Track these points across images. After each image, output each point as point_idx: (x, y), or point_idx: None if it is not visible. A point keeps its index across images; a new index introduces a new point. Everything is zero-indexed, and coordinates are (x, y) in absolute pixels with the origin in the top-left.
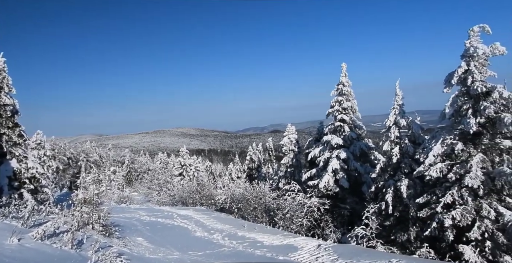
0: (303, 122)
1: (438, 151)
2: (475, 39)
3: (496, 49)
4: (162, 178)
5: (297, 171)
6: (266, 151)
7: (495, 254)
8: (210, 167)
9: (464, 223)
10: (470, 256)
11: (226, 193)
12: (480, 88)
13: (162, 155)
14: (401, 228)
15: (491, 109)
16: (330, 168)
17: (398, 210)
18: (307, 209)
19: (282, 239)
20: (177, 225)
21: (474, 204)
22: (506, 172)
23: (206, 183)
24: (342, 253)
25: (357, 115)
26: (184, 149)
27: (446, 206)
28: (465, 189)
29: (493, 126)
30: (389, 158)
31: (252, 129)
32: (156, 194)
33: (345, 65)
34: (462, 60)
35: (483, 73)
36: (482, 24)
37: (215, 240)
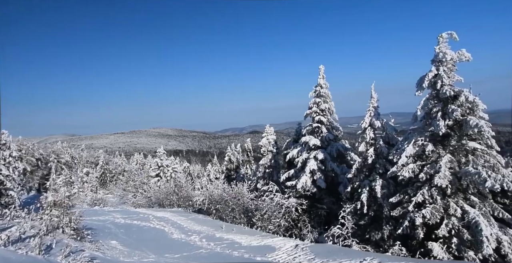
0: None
1: (410, 152)
2: (444, 45)
3: (462, 55)
4: (138, 179)
5: (275, 172)
6: (244, 152)
7: (460, 250)
8: (188, 168)
9: (433, 221)
10: (438, 253)
11: (204, 194)
12: (448, 92)
13: (139, 156)
14: (375, 227)
15: (458, 112)
16: (308, 169)
17: (373, 209)
18: (285, 210)
19: (260, 240)
20: (153, 227)
21: (443, 203)
22: (471, 172)
23: (183, 184)
24: (318, 253)
25: (334, 117)
26: (161, 149)
27: (417, 205)
28: (435, 188)
29: (460, 128)
30: (365, 158)
31: (231, 130)
32: (132, 196)
33: (322, 67)
34: (432, 65)
35: (451, 77)
36: (450, 31)
37: (193, 242)
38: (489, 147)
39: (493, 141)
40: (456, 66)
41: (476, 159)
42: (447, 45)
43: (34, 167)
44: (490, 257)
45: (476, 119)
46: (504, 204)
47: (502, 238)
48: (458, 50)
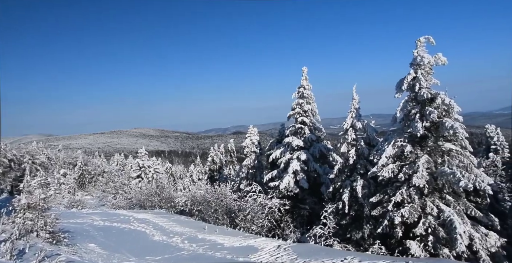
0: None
1: (390, 152)
2: (422, 49)
3: (439, 59)
4: (118, 181)
5: (258, 173)
6: (228, 152)
7: (436, 248)
8: (170, 168)
9: (411, 220)
10: (415, 251)
11: (187, 195)
12: (426, 94)
13: (119, 157)
14: (356, 226)
15: (435, 114)
16: (290, 169)
17: (354, 209)
18: (268, 210)
19: (242, 241)
20: (134, 229)
21: (420, 202)
22: (446, 172)
23: (165, 185)
24: (301, 253)
25: (317, 118)
26: (142, 150)
27: (396, 205)
28: (413, 188)
29: (437, 130)
30: (346, 159)
31: (214, 130)
32: (112, 197)
33: (305, 68)
34: (411, 68)
35: (428, 80)
36: (427, 36)
37: (174, 244)
38: (463, 148)
39: (466, 142)
40: (433, 69)
41: (451, 159)
42: (424, 49)
43: (6, 168)
44: (463, 253)
45: (452, 121)
46: (476, 202)
47: (474, 235)
48: (435, 54)
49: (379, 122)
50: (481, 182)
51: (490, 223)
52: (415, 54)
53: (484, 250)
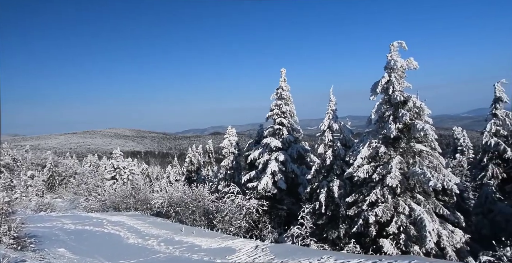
0: (244, 125)
1: (365, 153)
2: (395, 53)
3: (411, 64)
4: (91, 182)
5: (237, 173)
6: (206, 153)
7: (407, 245)
8: (146, 169)
9: (385, 219)
10: (388, 248)
11: (163, 196)
12: (399, 97)
13: (92, 157)
14: (333, 226)
15: (407, 116)
16: (269, 170)
17: (330, 209)
18: (246, 211)
19: (220, 242)
20: (108, 232)
21: (393, 202)
22: (417, 172)
23: (141, 186)
24: (278, 253)
25: (295, 119)
26: (117, 150)
27: (370, 204)
28: (386, 188)
29: (409, 131)
30: (323, 160)
31: (192, 131)
32: (84, 200)
33: (284, 70)
34: (385, 72)
35: (401, 84)
36: (400, 41)
37: (150, 246)
38: (433, 149)
39: (436, 143)
40: (405, 73)
41: (422, 160)
42: (397, 53)
43: None
44: (431, 250)
45: (423, 123)
46: (444, 201)
47: (442, 232)
48: (407, 58)
49: (355, 124)
50: (448, 182)
51: (456, 221)
52: (389, 58)
53: (450, 247)
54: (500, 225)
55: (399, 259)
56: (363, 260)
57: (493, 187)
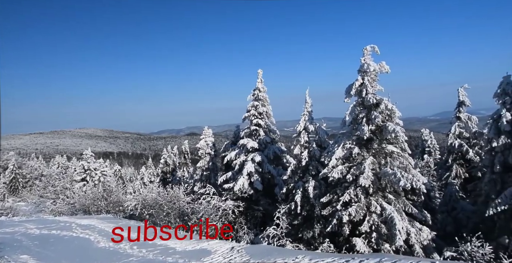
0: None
1: (339, 154)
2: (368, 57)
3: (383, 67)
4: (59, 185)
5: (213, 174)
6: (182, 154)
7: (378, 243)
8: (119, 171)
9: (358, 218)
10: (360, 247)
11: (137, 198)
12: (372, 99)
13: (61, 159)
14: (308, 226)
15: (379, 119)
16: (245, 171)
17: (306, 209)
18: (222, 212)
19: (195, 244)
20: (77, 236)
21: (366, 201)
22: (389, 172)
23: (114, 188)
24: (254, 254)
25: (272, 120)
26: (88, 151)
27: (344, 204)
28: (360, 188)
29: (381, 133)
30: (299, 161)
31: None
32: (51, 203)
33: (261, 71)
34: (359, 75)
35: (374, 87)
36: (373, 45)
37: (122, 250)
38: (403, 150)
39: (406, 145)
40: (378, 76)
41: (393, 161)
42: (370, 57)
43: None
44: (401, 247)
45: (394, 125)
46: (413, 200)
47: (411, 230)
48: (379, 62)
49: (330, 125)
50: (417, 181)
51: (424, 219)
52: (362, 61)
53: (418, 244)
54: (462, 222)
55: (371, 257)
56: (337, 259)
57: (456, 186)
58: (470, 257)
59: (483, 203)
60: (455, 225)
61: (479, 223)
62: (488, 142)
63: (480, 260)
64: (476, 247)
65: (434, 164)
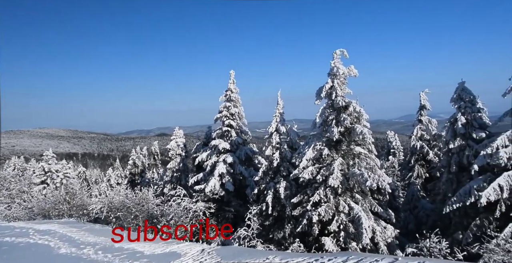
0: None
1: (310, 155)
2: (338, 61)
3: (351, 71)
4: (15, 188)
5: (183, 176)
6: (151, 155)
7: (346, 242)
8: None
9: (327, 218)
10: (329, 246)
11: (103, 201)
12: (341, 102)
13: (17, 160)
14: (279, 226)
15: (348, 121)
16: (217, 172)
17: (277, 210)
18: (192, 214)
19: (164, 247)
20: (34, 243)
21: (335, 201)
22: (356, 173)
23: (78, 191)
24: (224, 255)
25: (244, 121)
26: (49, 152)
27: (314, 204)
28: (329, 188)
29: (349, 135)
30: (271, 162)
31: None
32: (5, 208)
33: (233, 72)
34: (329, 78)
35: (343, 90)
36: (342, 49)
37: (86, 256)
38: (370, 151)
39: (373, 146)
40: (347, 80)
41: (360, 162)
42: (340, 60)
43: None
44: (367, 245)
45: (361, 127)
46: (379, 199)
47: (376, 228)
48: (348, 66)
49: (301, 127)
50: (382, 182)
51: (388, 217)
52: (332, 64)
53: (383, 241)
54: (422, 220)
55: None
56: (306, 258)
57: (418, 186)
58: (429, 253)
59: (441, 201)
60: (416, 223)
61: (437, 220)
62: (446, 144)
63: (438, 255)
64: (434, 243)
65: (398, 164)
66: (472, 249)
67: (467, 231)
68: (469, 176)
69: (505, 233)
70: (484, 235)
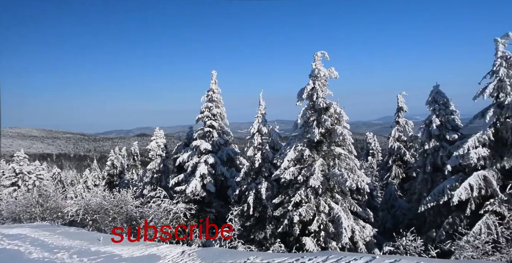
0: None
1: (291, 156)
2: (319, 63)
3: (332, 73)
4: None
5: (164, 177)
6: (131, 156)
7: (326, 242)
8: (59, 174)
9: (308, 218)
10: (310, 246)
11: (79, 203)
12: (322, 103)
13: None
14: (260, 227)
15: (329, 122)
16: (198, 173)
17: (258, 210)
18: (173, 215)
19: (144, 249)
20: (3, 248)
21: (315, 201)
22: (337, 174)
23: (52, 193)
24: (205, 257)
25: (225, 122)
26: (21, 153)
27: (295, 205)
28: (310, 189)
29: (330, 136)
30: (252, 162)
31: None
32: None
33: (215, 72)
34: (310, 79)
35: (324, 91)
36: (323, 51)
37: (59, 260)
38: (350, 152)
39: (352, 147)
40: (328, 81)
41: (340, 162)
42: (321, 62)
43: None
44: (346, 245)
45: (342, 129)
46: (358, 199)
47: (355, 228)
48: (329, 68)
49: (283, 127)
50: (362, 182)
51: (367, 217)
52: (313, 66)
53: (361, 240)
54: (399, 219)
55: (319, 255)
56: (287, 258)
57: (395, 186)
58: (405, 250)
59: (416, 200)
60: (393, 222)
61: (413, 219)
62: (421, 145)
63: (413, 253)
64: (410, 241)
65: (377, 165)
66: (445, 246)
67: (440, 229)
68: (442, 176)
69: (474, 230)
70: (456, 233)
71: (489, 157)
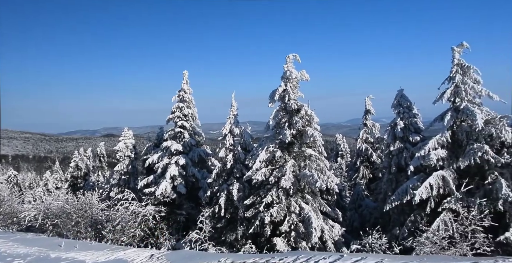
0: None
1: (263, 157)
2: (291, 65)
3: (303, 76)
4: None
5: (132, 178)
6: (97, 157)
7: (296, 242)
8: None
9: (279, 219)
10: (280, 246)
11: (38, 207)
12: (293, 105)
13: None
14: (231, 228)
15: (300, 124)
16: (168, 174)
17: (229, 212)
18: (141, 218)
19: (109, 254)
20: None
21: (286, 202)
22: (307, 174)
23: (6, 197)
24: (175, 260)
25: (197, 123)
26: None
27: (267, 205)
28: (281, 189)
29: (301, 137)
30: (224, 163)
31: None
32: None
33: (186, 72)
34: (282, 81)
35: (295, 93)
36: (294, 54)
37: None
38: (320, 153)
39: (323, 148)
40: (299, 84)
41: (311, 163)
42: (292, 65)
43: None
44: (316, 244)
45: (312, 130)
46: (327, 199)
47: (325, 227)
48: (300, 70)
49: (255, 129)
50: (331, 182)
51: (336, 217)
52: (285, 68)
53: (330, 240)
54: (366, 218)
55: (289, 255)
56: (258, 259)
57: (363, 186)
58: (371, 248)
59: (382, 200)
60: (360, 221)
61: (379, 218)
62: (387, 146)
63: (378, 250)
64: (375, 239)
65: (345, 166)
66: (407, 243)
67: (403, 226)
68: (406, 176)
69: (433, 227)
70: (417, 230)
71: (447, 158)
